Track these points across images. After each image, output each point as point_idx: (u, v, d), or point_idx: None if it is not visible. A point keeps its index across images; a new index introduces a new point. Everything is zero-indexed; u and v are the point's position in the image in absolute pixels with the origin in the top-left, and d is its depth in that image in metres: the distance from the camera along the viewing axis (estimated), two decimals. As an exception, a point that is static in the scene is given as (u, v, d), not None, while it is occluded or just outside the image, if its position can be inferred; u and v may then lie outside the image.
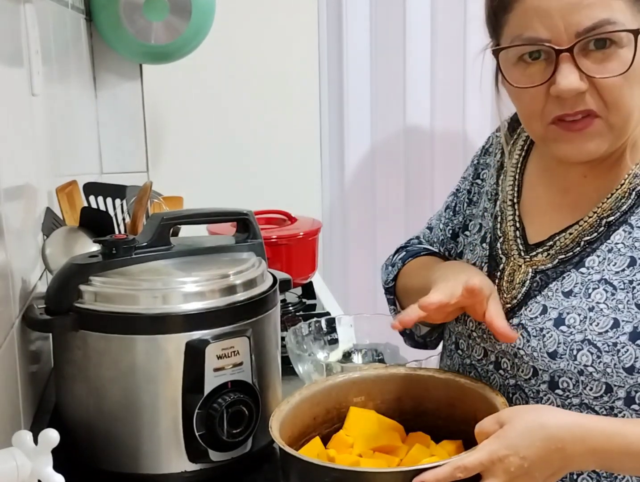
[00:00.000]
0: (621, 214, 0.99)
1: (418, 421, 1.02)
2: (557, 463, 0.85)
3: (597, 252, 0.99)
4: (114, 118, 2.28)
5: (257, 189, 2.39)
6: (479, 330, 1.07)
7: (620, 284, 0.96)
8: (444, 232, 1.24)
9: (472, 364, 1.09)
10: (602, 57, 0.93)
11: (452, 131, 2.56)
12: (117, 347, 0.99)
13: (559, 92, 0.94)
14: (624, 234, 0.98)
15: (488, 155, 1.20)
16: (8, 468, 0.74)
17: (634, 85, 0.94)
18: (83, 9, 2.07)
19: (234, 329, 1.01)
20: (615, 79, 0.93)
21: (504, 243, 1.08)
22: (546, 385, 0.99)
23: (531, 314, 1.01)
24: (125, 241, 1.04)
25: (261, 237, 1.16)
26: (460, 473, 0.82)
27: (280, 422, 0.93)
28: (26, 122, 1.26)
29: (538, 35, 0.93)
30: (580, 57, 0.93)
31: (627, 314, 0.94)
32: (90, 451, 1.03)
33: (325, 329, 1.36)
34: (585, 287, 0.98)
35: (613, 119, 0.95)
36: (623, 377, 0.94)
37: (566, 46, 0.92)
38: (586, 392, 0.96)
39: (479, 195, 1.18)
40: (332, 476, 0.83)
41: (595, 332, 0.95)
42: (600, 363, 0.94)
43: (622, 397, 0.95)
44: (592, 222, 1.01)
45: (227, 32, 2.28)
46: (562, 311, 0.98)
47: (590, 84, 0.93)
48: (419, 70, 2.50)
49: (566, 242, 1.02)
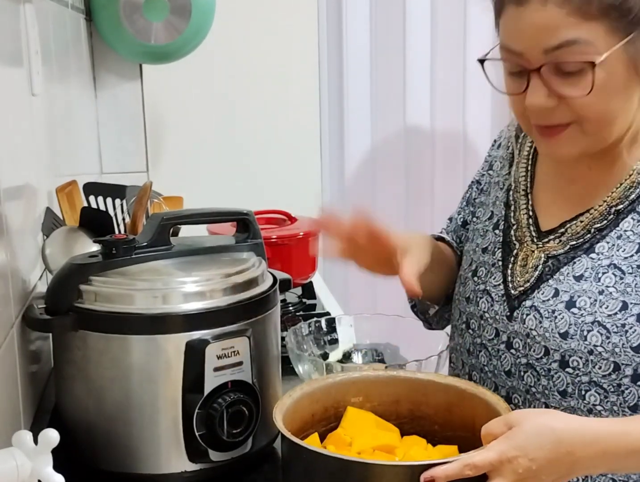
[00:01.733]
0: (630, 202, 1.04)
1: (414, 425, 1.02)
2: (565, 466, 0.86)
3: (607, 238, 1.04)
4: (114, 118, 2.28)
5: (257, 189, 2.39)
6: (491, 311, 1.12)
7: (629, 268, 1.01)
8: (457, 220, 1.31)
9: (483, 343, 1.13)
10: (571, 77, 0.96)
11: (452, 131, 2.56)
12: (117, 347, 0.99)
13: (527, 106, 0.99)
14: (633, 222, 1.03)
15: (500, 148, 1.26)
16: (8, 468, 0.74)
17: (608, 99, 0.97)
18: (83, 9, 2.07)
19: (234, 329, 1.01)
20: (586, 98, 0.95)
21: (517, 230, 1.13)
22: (557, 364, 1.04)
23: (543, 296, 1.06)
24: (125, 240, 1.04)
25: (261, 237, 1.16)
26: (469, 471, 0.82)
27: (283, 415, 0.92)
28: (26, 122, 1.26)
29: (514, 48, 0.98)
30: (550, 75, 0.96)
31: (635, 297, 0.99)
32: (90, 451, 1.03)
33: (325, 329, 1.36)
34: (595, 271, 1.03)
35: (587, 127, 0.99)
36: (630, 356, 0.99)
37: (536, 65, 0.96)
38: (595, 371, 1.01)
39: (489, 185, 1.24)
40: (339, 466, 0.82)
41: (605, 314, 1.00)
42: (609, 343, 1.00)
43: (629, 375, 1.00)
44: (601, 210, 1.05)
45: (227, 32, 2.28)
46: (573, 294, 1.03)
47: (561, 99, 0.97)
48: (419, 70, 2.50)
49: (577, 229, 1.07)
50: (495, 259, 1.14)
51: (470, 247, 1.21)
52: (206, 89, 2.36)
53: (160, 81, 2.30)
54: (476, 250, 1.19)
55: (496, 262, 1.14)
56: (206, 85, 2.36)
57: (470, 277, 1.17)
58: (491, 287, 1.13)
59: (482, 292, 1.14)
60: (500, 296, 1.11)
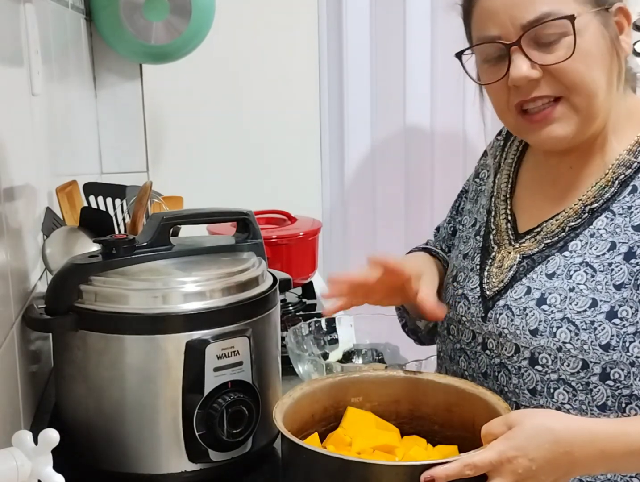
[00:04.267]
0: (604, 201, 1.04)
1: (414, 425, 1.02)
2: (564, 467, 0.86)
3: (580, 237, 1.04)
4: (114, 118, 2.28)
5: (257, 189, 2.39)
6: (468, 314, 1.12)
7: (600, 266, 1.01)
8: (447, 229, 1.31)
9: (462, 348, 1.13)
10: (551, 46, 1.00)
11: (452, 131, 2.56)
12: (117, 347, 0.99)
13: (512, 81, 1.01)
14: (606, 220, 1.03)
15: (488, 157, 1.26)
16: (8, 468, 0.74)
17: (593, 66, 1.00)
18: (83, 9, 2.07)
19: (234, 329, 1.01)
20: (566, 63, 0.99)
21: (496, 235, 1.14)
22: (527, 361, 1.03)
23: (516, 295, 1.06)
24: (125, 240, 1.04)
25: (261, 237, 1.16)
26: (469, 471, 0.82)
27: (283, 415, 0.92)
28: (26, 122, 1.26)
29: (490, 34, 1.02)
30: (530, 49, 1.00)
31: (605, 295, 0.99)
32: (90, 451, 1.03)
33: (325, 329, 1.36)
34: (567, 269, 1.03)
35: (575, 100, 1.01)
36: (599, 354, 0.98)
37: (514, 40, 1.00)
38: (564, 368, 1.01)
39: (475, 193, 1.24)
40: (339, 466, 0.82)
41: (574, 311, 1.00)
42: (578, 340, 0.99)
43: (597, 373, 0.99)
44: (576, 208, 1.06)
45: (227, 32, 2.28)
46: (544, 291, 1.04)
47: (544, 71, 1.00)
48: (419, 70, 2.50)
49: (552, 228, 1.07)
50: (474, 264, 1.15)
51: (454, 254, 1.22)
52: (206, 89, 2.36)
53: (160, 81, 2.30)
54: (458, 256, 1.19)
55: (474, 267, 1.14)
56: (206, 85, 2.36)
57: (450, 283, 1.18)
58: (468, 291, 1.13)
59: (460, 297, 1.14)
60: (476, 299, 1.11)
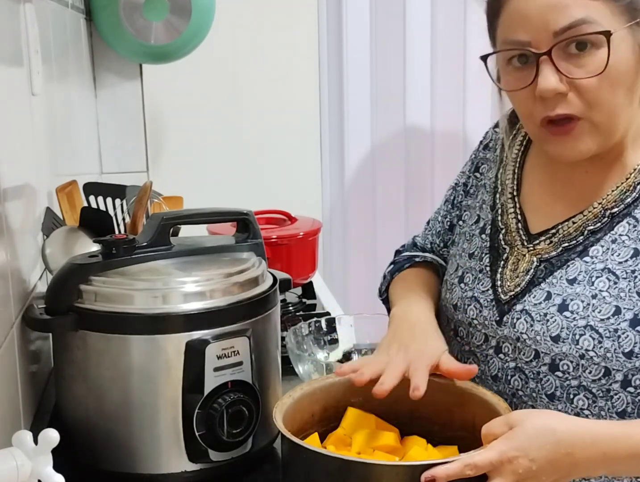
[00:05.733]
0: (625, 206, 1.03)
1: (414, 425, 1.02)
2: (565, 468, 0.86)
3: (601, 242, 1.03)
4: (114, 118, 2.28)
5: (257, 189, 2.39)
6: (480, 317, 1.10)
7: (623, 273, 1.00)
8: (442, 224, 1.29)
9: (472, 350, 1.12)
10: (581, 59, 0.96)
11: (452, 131, 2.56)
12: (117, 347, 0.99)
13: (539, 93, 0.98)
14: (628, 226, 1.02)
15: (487, 150, 1.24)
16: (8, 468, 0.74)
17: (615, 85, 0.97)
18: (83, 8, 2.07)
19: (234, 329, 1.01)
20: (594, 80, 0.96)
21: (506, 234, 1.12)
22: (547, 367, 1.03)
23: (535, 300, 1.05)
24: (125, 240, 1.04)
25: (261, 237, 1.16)
26: (470, 471, 0.82)
27: (283, 415, 0.92)
28: (26, 122, 1.26)
29: (519, 39, 0.98)
30: (560, 60, 0.96)
31: (628, 302, 0.98)
32: (90, 451, 1.03)
33: (325, 329, 1.36)
34: (589, 275, 1.02)
35: (596, 119, 0.98)
36: (622, 361, 0.98)
37: (545, 49, 0.96)
38: (585, 375, 1.00)
39: (476, 188, 1.22)
40: (339, 466, 0.82)
41: (598, 319, 0.99)
42: (601, 348, 0.98)
43: (619, 380, 0.99)
44: (596, 212, 1.05)
45: (227, 32, 2.28)
46: (566, 298, 1.02)
47: (571, 86, 0.97)
48: (419, 70, 2.50)
49: (569, 230, 1.06)
50: (483, 265, 1.13)
51: (457, 252, 1.20)
52: (206, 88, 2.36)
53: (160, 81, 2.30)
54: (462, 255, 1.18)
55: (484, 268, 1.13)
56: (206, 85, 2.36)
57: (457, 284, 1.16)
58: (479, 293, 1.11)
59: (470, 299, 1.12)
60: (489, 302, 1.10)
